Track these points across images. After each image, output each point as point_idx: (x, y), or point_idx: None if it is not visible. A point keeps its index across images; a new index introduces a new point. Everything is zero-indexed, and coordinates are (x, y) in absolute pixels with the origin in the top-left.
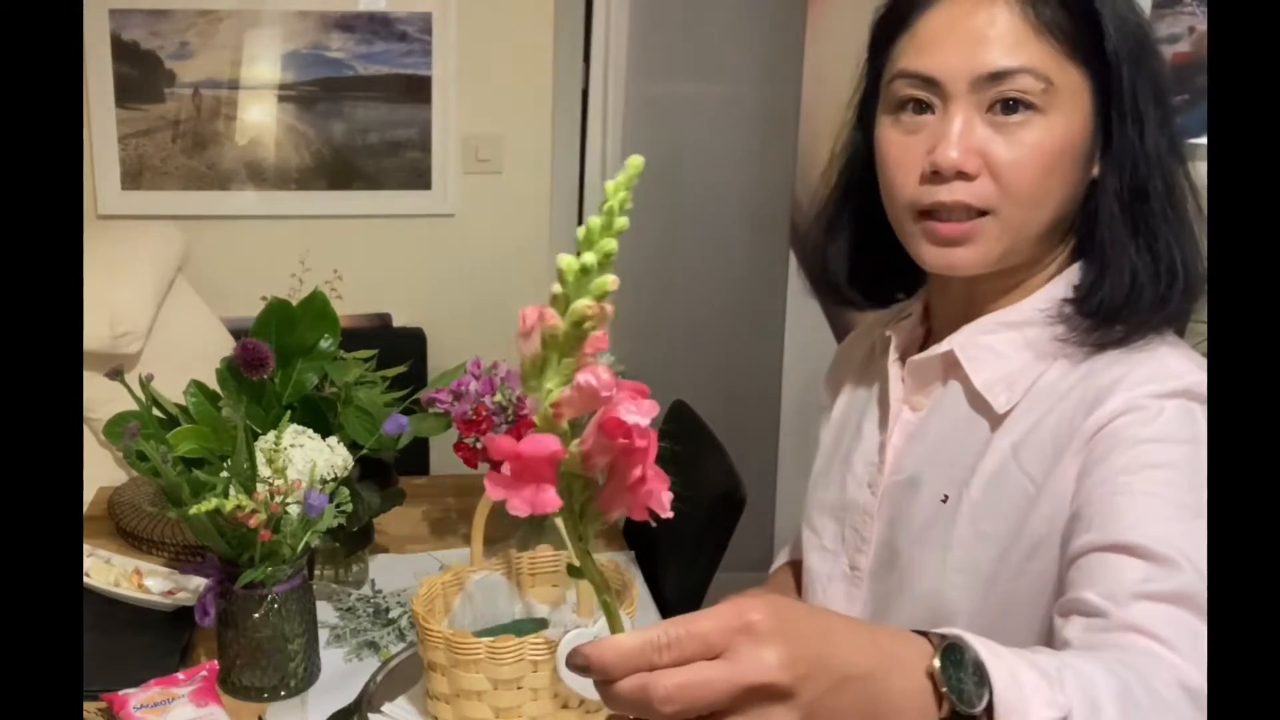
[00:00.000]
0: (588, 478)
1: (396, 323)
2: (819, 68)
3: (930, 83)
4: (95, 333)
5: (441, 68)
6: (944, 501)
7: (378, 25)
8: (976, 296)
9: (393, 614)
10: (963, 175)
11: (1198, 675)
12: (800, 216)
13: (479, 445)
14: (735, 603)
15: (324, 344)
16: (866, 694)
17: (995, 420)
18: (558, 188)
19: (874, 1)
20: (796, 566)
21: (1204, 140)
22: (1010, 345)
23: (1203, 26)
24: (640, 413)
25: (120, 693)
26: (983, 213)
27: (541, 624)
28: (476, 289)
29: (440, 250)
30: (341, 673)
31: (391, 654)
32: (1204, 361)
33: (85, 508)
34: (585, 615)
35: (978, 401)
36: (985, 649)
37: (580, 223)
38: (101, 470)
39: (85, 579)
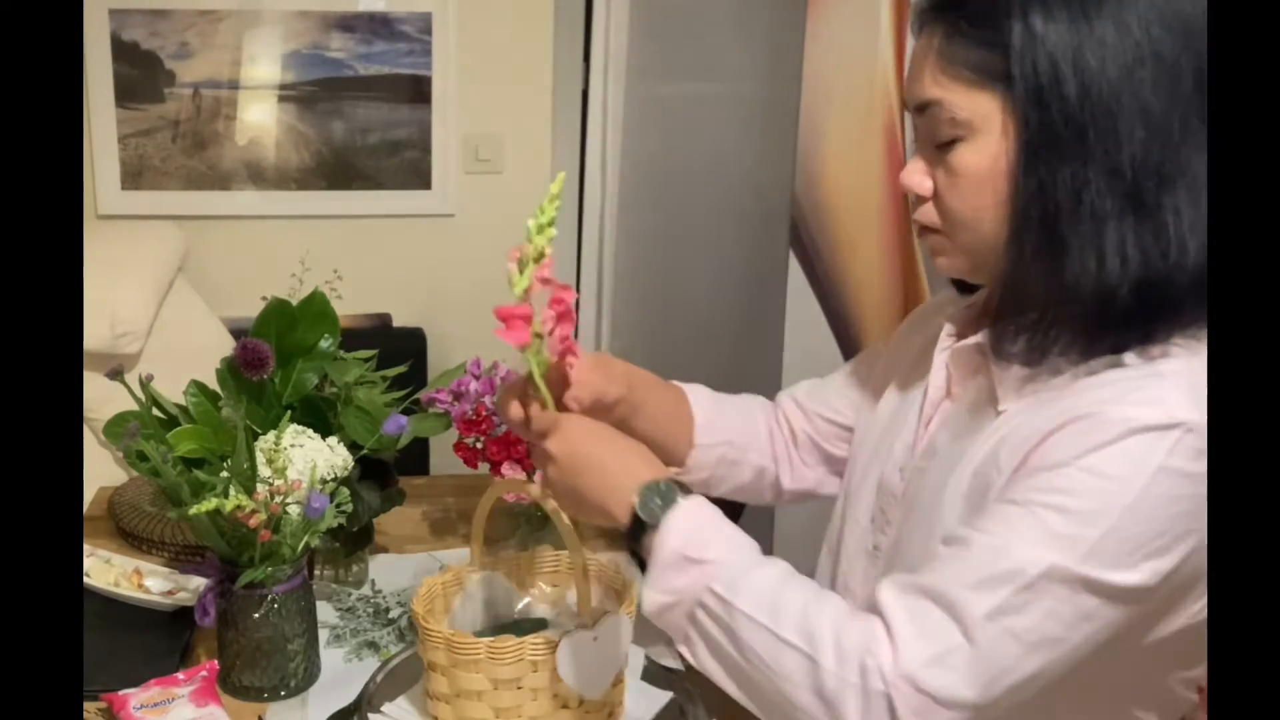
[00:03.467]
0: (541, 332)
1: (396, 323)
2: (819, 68)
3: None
4: (95, 333)
5: (441, 68)
6: (943, 490)
7: (378, 25)
8: None
9: (393, 614)
10: (921, 198)
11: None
12: (800, 216)
13: (479, 445)
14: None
15: (324, 344)
16: (597, 478)
17: (998, 415)
18: None
19: (873, 2)
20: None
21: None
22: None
23: None
24: (568, 296)
25: (120, 693)
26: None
27: (541, 624)
28: (476, 289)
29: (440, 250)
30: (341, 673)
31: (391, 654)
32: (1203, 401)
33: (85, 508)
34: (585, 615)
35: (992, 396)
36: (694, 500)
37: (580, 223)
38: (101, 470)
39: (85, 579)
